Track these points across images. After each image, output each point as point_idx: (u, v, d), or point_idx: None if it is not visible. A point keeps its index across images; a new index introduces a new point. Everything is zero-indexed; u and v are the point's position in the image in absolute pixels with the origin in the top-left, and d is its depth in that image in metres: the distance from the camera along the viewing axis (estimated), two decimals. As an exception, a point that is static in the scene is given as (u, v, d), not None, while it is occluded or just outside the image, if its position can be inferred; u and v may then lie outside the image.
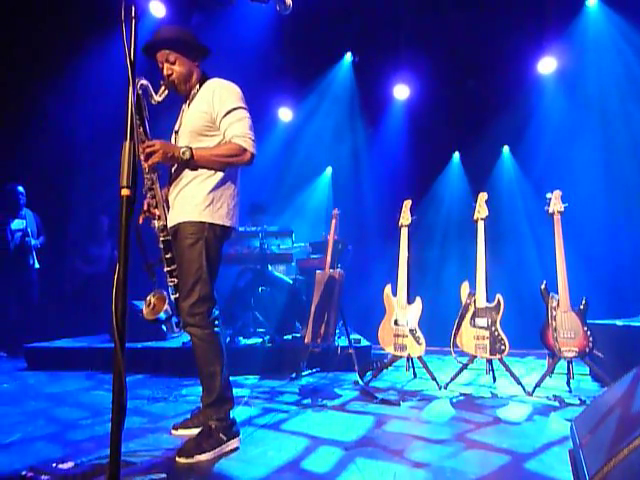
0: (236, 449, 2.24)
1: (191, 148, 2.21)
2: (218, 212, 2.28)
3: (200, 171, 2.27)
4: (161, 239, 2.30)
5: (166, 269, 2.31)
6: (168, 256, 2.30)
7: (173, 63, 2.33)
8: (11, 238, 5.37)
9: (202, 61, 2.45)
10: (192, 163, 2.23)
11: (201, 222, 2.24)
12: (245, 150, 2.26)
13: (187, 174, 2.29)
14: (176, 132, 2.43)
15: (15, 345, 4.92)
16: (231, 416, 2.29)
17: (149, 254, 2.28)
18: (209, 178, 2.28)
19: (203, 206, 2.25)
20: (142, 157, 2.17)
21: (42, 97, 5.87)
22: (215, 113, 2.29)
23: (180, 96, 2.45)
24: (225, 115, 2.28)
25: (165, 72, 2.34)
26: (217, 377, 2.23)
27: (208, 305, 2.25)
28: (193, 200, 2.26)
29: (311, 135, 7.18)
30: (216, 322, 2.29)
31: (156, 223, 2.30)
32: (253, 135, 2.31)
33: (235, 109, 2.29)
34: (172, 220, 2.33)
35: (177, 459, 2.08)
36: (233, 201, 2.36)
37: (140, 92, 2.20)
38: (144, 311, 2.27)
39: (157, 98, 2.27)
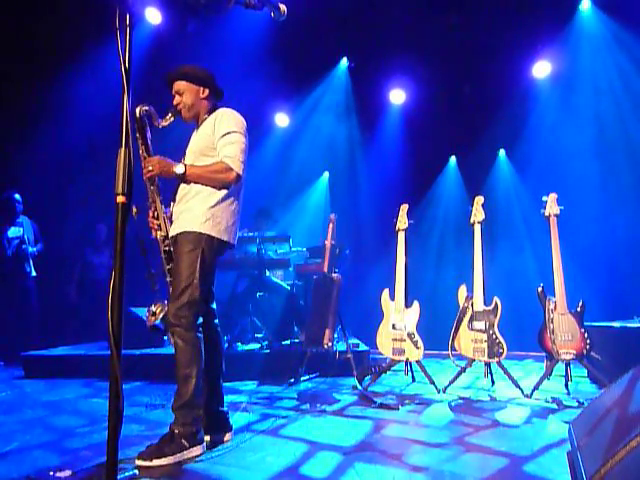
0: (198, 456, 2.21)
1: (185, 165, 2.39)
2: (217, 227, 2.40)
3: (203, 188, 2.41)
4: (164, 249, 2.43)
5: (168, 279, 2.41)
6: (169, 267, 2.42)
7: (181, 94, 2.52)
8: (8, 246, 5.36)
9: (216, 99, 2.63)
10: (185, 178, 2.39)
11: (200, 233, 2.36)
12: (231, 170, 2.37)
13: (192, 190, 2.43)
14: (184, 153, 2.61)
15: (12, 353, 4.89)
16: (198, 424, 2.28)
17: (152, 265, 2.40)
18: (212, 195, 2.41)
19: (203, 219, 2.37)
20: (143, 172, 2.37)
21: (38, 105, 5.87)
22: (215, 135, 2.45)
23: (192, 124, 2.61)
24: (222, 137, 2.43)
25: (175, 102, 2.53)
26: (191, 381, 2.25)
27: (195, 310, 2.31)
28: (195, 213, 2.39)
29: (308, 140, 7.19)
30: (200, 329, 2.35)
31: (158, 234, 2.44)
32: (243, 158, 2.43)
33: (231, 132, 2.43)
34: (174, 230, 2.45)
35: (136, 461, 2.09)
36: (232, 218, 2.48)
37: (143, 115, 2.40)
38: (148, 320, 2.34)
39: (163, 123, 2.46)
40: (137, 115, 2.37)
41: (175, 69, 2.56)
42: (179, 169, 2.35)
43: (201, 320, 2.37)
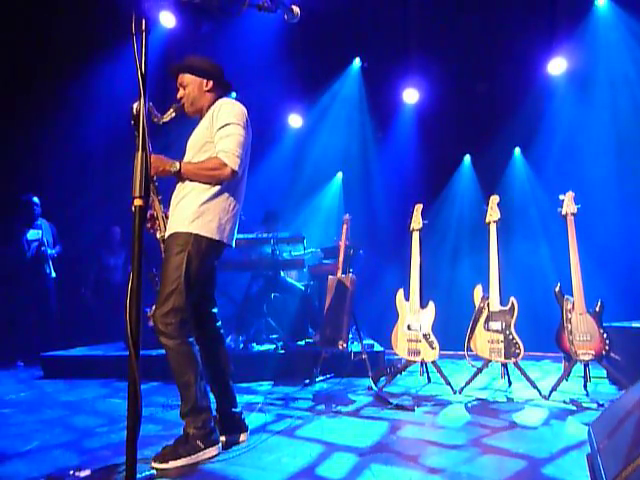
0: (214, 457, 2.21)
1: (180, 162, 2.31)
2: (208, 225, 2.29)
3: (197, 184, 2.32)
4: (163, 250, 2.37)
5: None
6: None
7: (185, 86, 2.46)
8: (27, 248, 5.45)
9: (222, 92, 2.54)
10: (180, 176, 2.31)
11: (188, 233, 2.27)
12: (225, 165, 2.27)
13: (186, 187, 2.35)
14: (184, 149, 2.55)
15: (32, 354, 4.97)
16: (210, 424, 2.26)
17: (153, 264, 2.36)
18: (205, 191, 2.32)
19: (193, 217, 2.28)
20: None
21: (56, 108, 5.96)
22: (213, 128, 2.36)
23: (195, 118, 2.54)
24: (219, 129, 2.33)
25: (178, 96, 2.47)
26: (191, 387, 2.22)
27: (181, 316, 2.22)
28: (186, 211, 2.30)
29: (321, 141, 7.20)
30: (188, 333, 2.27)
31: (158, 235, 2.40)
32: (239, 152, 2.31)
33: (228, 124, 2.33)
34: (168, 230, 2.38)
35: (152, 464, 2.09)
36: (226, 215, 2.36)
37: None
38: (149, 321, 2.32)
39: (163, 119, 2.40)
40: (134, 112, 2.20)
41: (179, 61, 2.49)
42: (174, 167, 2.27)
43: (189, 325, 2.30)
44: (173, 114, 2.43)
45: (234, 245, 2.47)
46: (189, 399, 2.22)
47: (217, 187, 2.32)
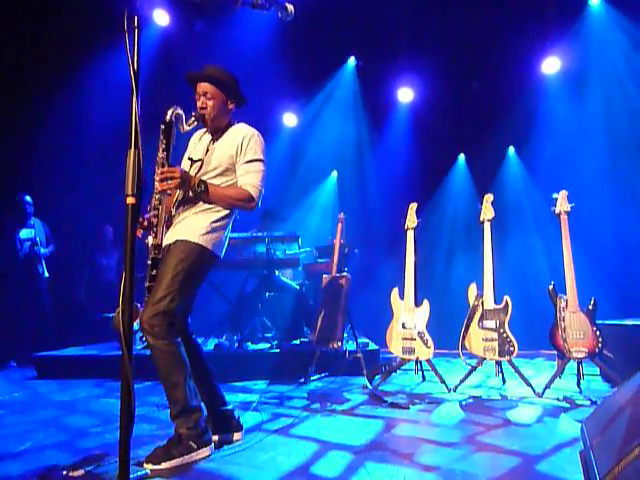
0: (206, 457, 2.20)
1: (206, 183, 2.36)
2: (214, 240, 2.40)
3: (210, 205, 2.41)
4: (151, 256, 2.34)
5: (147, 284, 2.31)
6: (153, 273, 2.32)
7: (210, 99, 2.46)
8: (20, 247, 5.41)
9: (237, 108, 2.60)
10: (203, 196, 2.37)
11: (196, 244, 2.33)
12: (253, 200, 2.43)
13: (199, 204, 2.41)
14: (191, 160, 2.54)
15: (25, 354, 4.94)
16: (202, 425, 2.25)
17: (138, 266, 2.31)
18: (220, 212, 2.43)
19: (205, 231, 2.37)
20: (157, 178, 2.29)
21: (48, 107, 5.93)
22: (239, 157, 2.46)
23: (197, 127, 2.54)
24: (247, 162, 2.45)
25: (199, 104, 2.47)
26: (180, 387, 2.20)
27: (169, 320, 2.22)
28: (199, 224, 2.38)
29: (316, 140, 7.19)
30: (175, 333, 2.25)
31: (151, 240, 2.36)
32: (263, 187, 2.48)
33: (257, 160, 2.46)
34: (169, 238, 2.40)
35: (145, 465, 2.07)
36: (227, 233, 2.51)
37: (174, 120, 2.33)
38: (116, 321, 2.27)
39: (186, 127, 2.42)
40: (168, 118, 2.31)
41: (208, 69, 2.49)
42: (199, 188, 2.32)
43: (176, 327, 2.27)
44: (195, 123, 2.44)
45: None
46: (178, 400, 2.21)
47: (228, 211, 2.45)
